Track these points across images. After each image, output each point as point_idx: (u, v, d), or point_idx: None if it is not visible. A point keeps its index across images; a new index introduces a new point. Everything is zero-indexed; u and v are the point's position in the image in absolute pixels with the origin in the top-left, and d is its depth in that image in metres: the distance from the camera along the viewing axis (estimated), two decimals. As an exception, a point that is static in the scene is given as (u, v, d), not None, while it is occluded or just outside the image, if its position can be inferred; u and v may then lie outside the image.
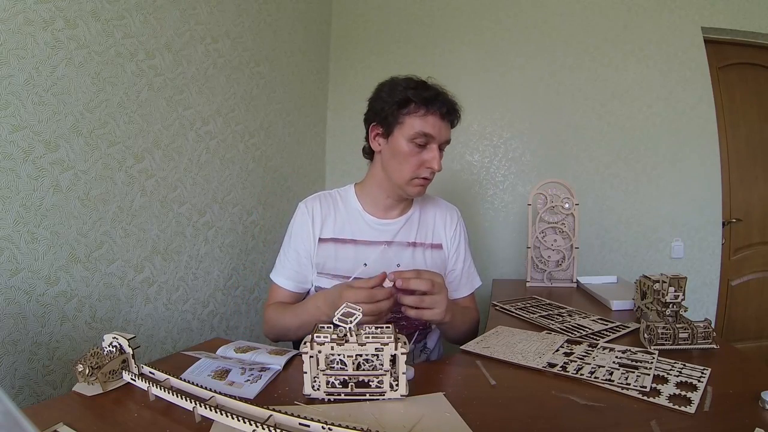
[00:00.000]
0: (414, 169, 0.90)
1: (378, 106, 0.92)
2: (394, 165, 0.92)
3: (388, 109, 0.89)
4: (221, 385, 0.64)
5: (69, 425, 0.52)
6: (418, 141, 0.88)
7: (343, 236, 0.98)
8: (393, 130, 0.90)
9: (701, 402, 0.57)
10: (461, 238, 1.09)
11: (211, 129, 1.33)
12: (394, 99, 0.89)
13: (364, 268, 0.94)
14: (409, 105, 0.88)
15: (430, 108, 0.88)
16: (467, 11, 2.08)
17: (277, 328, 0.95)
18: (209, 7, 1.30)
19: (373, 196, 1.00)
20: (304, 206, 1.00)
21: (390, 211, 1.01)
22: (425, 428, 0.52)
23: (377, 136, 0.94)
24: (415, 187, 0.93)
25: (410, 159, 0.90)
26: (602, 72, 1.97)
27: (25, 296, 0.82)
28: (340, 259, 0.96)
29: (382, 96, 0.92)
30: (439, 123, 0.90)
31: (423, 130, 0.88)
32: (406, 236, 1.01)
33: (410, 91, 0.88)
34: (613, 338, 0.85)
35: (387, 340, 0.58)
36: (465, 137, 2.09)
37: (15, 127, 0.79)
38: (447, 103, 0.91)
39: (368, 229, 0.99)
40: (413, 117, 0.88)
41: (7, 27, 0.77)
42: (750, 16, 1.88)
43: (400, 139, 0.89)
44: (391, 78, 0.95)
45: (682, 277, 0.83)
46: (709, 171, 1.91)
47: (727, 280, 2.03)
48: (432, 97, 0.88)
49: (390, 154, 0.92)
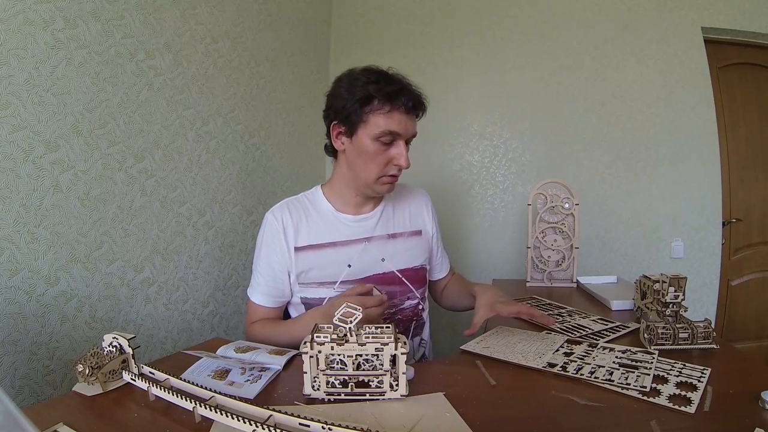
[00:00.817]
0: (381, 167, 0.87)
1: (338, 104, 0.86)
2: (360, 164, 0.88)
3: (350, 107, 0.83)
4: (221, 385, 0.64)
5: (69, 425, 0.52)
6: (384, 139, 0.84)
7: (321, 241, 0.93)
8: (356, 129, 0.85)
9: (701, 402, 0.57)
10: (435, 219, 1.11)
11: (211, 129, 1.33)
12: (354, 96, 0.83)
13: (349, 269, 0.92)
14: (371, 102, 0.82)
15: (394, 104, 0.83)
16: (467, 11, 2.08)
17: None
18: (209, 7, 1.30)
19: (342, 195, 0.96)
20: (272, 216, 0.94)
21: (362, 207, 0.97)
22: (425, 428, 0.52)
23: (340, 134, 0.89)
24: (383, 185, 0.90)
25: (376, 158, 0.85)
26: (602, 72, 1.97)
27: (25, 296, 0.82)
28: (322, 265, 0.92)
29: (341, 92, 0.85)
30: (404, 118, 0.84)
31: (388, 128, 0.83)
32: (384, 229, 0.98)
33: (371, 86, 0.82)
34: (613, 338, 0.85)
35: (387, 340, 0.58)
36: (465, 137, 2.09)
37: (15, 127, 0.79)
38: (412, 96, 0.85)
39: (345, 229, 0.95)
40: (377, 114, 0.83)
41: (7, 27, 0.77)
42: (750, 16, 1.88)
43: (364, 138, 0.84)
44: (349, 71, 0.88)
45: (682, 277, 0.83)
46: (709, 171, 1.91)
47: (727, 280, 2.03)
48: (396, 91, 0.83)
49: (355, 153, 0.87)
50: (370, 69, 0.87)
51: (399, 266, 0.98)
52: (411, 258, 1.00)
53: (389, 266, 0.96)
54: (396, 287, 0.97)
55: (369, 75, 0.84)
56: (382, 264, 0.96)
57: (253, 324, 0.95)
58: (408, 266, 0.99)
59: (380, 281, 0.94)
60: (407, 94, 0.84)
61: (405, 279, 0.98)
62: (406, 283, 0.98)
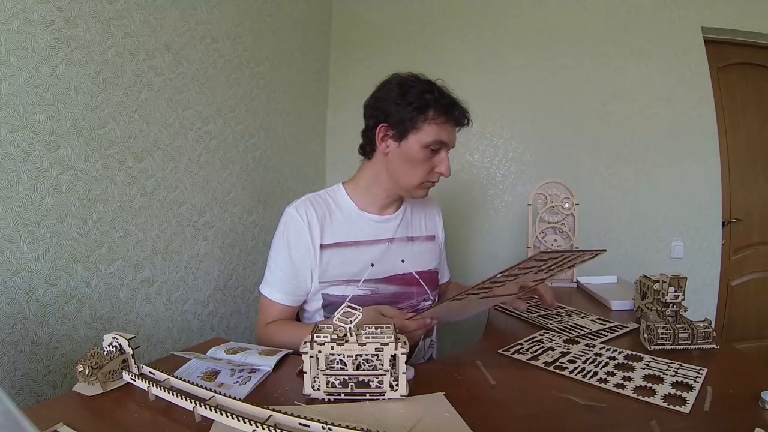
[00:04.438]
0: (425, 174, 0.90)
1: (389, 108, 0.87)
2: (404, 169, 0.90)
3: (405, 113, 0.85)
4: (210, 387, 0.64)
5: (69, 425, 0.52)
6: (434, 147, 0.87)
7: (345, 239, 0.93)
8: (407, 135, 0.87)
9: (699, 402, 0.57)
10: (443, 229, 1.15)
11: (211, 129, 1.33)
12: (411, 103, 0.85)
13: (372, 268, 0.93)
14: (427, 111, 0.85)
15: (449, 116, 0.87)
16: (467, 11, 2.08)
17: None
18: (209, 7, 1.30)
19: (371, 194, 0.97)
20: (295, 212, 0.91)
21: (386, 209, 1.00)
22: (425, 428, 0.52)
23: (386, 137, 0.89)
24: (422, 190, 0.93)
25: (423, 164, 0.88)
26: (602, 72, 1.97)
27: (25, 296, 0.82)
28: (346, 263, 0.92)
29: (392, 96, 0.87)
30: (454, 130, 0.90)
31: (440, 138, 0.86)
32: (404, 231, 1.01)
33: (428, 95, 0.85)
34: (611, 338, 0.85)
35: (387, 340, 0.58)
36: (465, 137, 2.08)
37: (15, 127, 0.79)
38: (463, 111, 0.91)
39: (368, 228, 0.96)
40: (432, 124, 0.86)
41: (7, 27, 0.77)
42: (750, 16, 1.88)
43: (414, 144, 0.86)
44: (398, 76, 0.90)
45: (682, 277, 0.83)
46: (709, 171, 1.91)
47: (727, 280, 2.03)
48: (451, 104, 0.88)
49: (401, 158, 0.89)
50: (420, 77, 0.90)
51: (417, 268, 1.00)
52: (427, 261, 1.03)
53: (408, 267, 0.98)
54: (414, 288, 0.98)
55: (423, 84, 0.87)
56: (402, 265, 0.98)
57: (269, 325, 0.91)
58: (425, 269, 1.02)
59: (400, 282, 0.97)
60: (460, 108, 0.90)
61: (422, 281, 1.00)
62: (423, 285, 1.00)
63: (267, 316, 0.93)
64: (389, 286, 0.95)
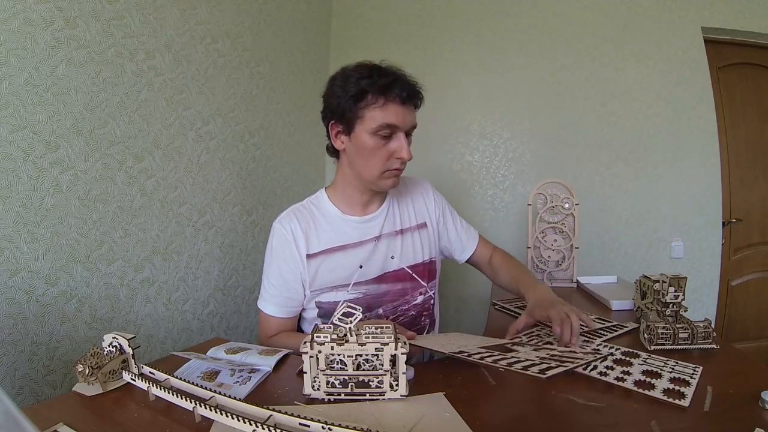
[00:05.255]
0: (383, 162, 0.85)
1: (333, 103, 0.85)
2: (361, 162, 0.87)
3: (345, 105, 0.82)
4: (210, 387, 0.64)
5: (69, 425, 0.52)
6: (382, 133, 0.82)
7: (331, 245, 0.92)
8: (354, 126, 0.84)
9: (699, 401, 0.57)
10: (443, 204, 1.08)
11: (211, 129, 1.33)
12: (348, 93, 0.82)
13: (360, 270, 0.92)
14: (365, 97, 0.81)
15: (389, 96, 0.81)
16: (467, 11, 2.08)
17: None
18: (209, 7, 1.30)
19: (347, 195, 0.95)
20: (280, 227, 0.93)
21: (368, 207, 0.97)
22: (425, 428, 0.52)
23: (338, 134, 0.88)
24: (387, 179, 0.88)
25: (377, 153, 0.84)
26: (602, 72, 1.97)
27: (25, 296, 0.82)
28: (334, 269, 0.91)
29: (335, 91, 0.84)
30: (401, 110, 0.83)
31: (385, 122, 0.81)
32: (392, 226, 0.98)
33: (364, 81, 0.81)
34: (611, 337, 0.85)
35: (387, 340, 0.58)
36: (465, 137, 2.09)
37: (15, 127, 0.79)
38: (406, 87, 0.83)
39: (353, 231, 0.94)
40: (372, 109, 0.81)
41: (7, 27, 0.77)
42: (750, 16, 1.88)
43: (362, 134, 0.83)
44: (342, 69, 0.87)
45: (682, 277, 0.83)
46: (709, 171, 1.91)
47: (727, 280, 2.03)
48: (389, 83, 0.81)
49: (355, 150, 0.86)
50: (362, 64, 0.85)
51: (408, 262, 0.98)
52: (419, 252, 1.00)
53: (399, 263, 0.97)
54: (407, 284, 0.97)
55: (361, 70, 0.83)
56: (392, 261, 0.96)
57: (272, 338, 0.91)
58: (417, 261, 0.99)
59: (392, 279, 0.95)
60: (401, 84, 0.82)
61: (415, 275, 0.98)
62: (417, 279, 0.99)
63: (268, 330, 0.93)
64: (380, 286, 0.94)
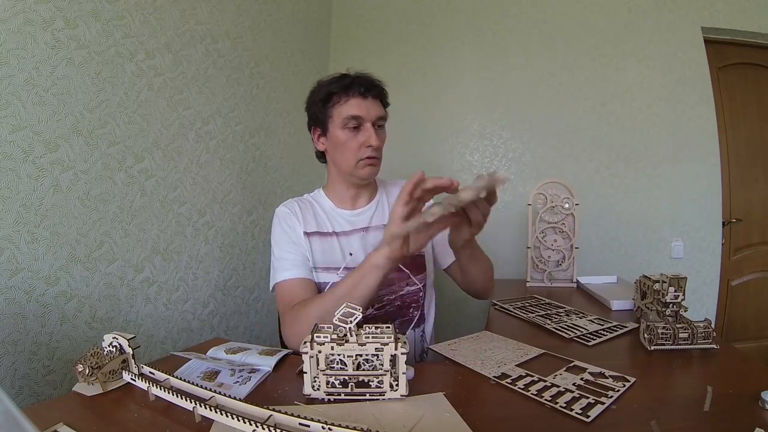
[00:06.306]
0: (355, 151, 0.94)
1: (311, 111, 0.99)
2: (338, 155, 0.97)
3: (318, 109, 0.96)
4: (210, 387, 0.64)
5: (69, 425, 0.52)
6: (350, 125, 0.93)
7: (325, 229, 1.00)
8: (327, 126, 0.96)
9: (698, 401, 0.57)
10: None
11: (211, 129, 1.33)
12: (319, 98, 0.96)
13: (350, 257, 0.98)
14: (332, 98, 0.94)
15: (349, 92, 0.93)
16: (467, 11, 2.08)
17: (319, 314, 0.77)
18: (209, 7, 1.30)
19: (338, 191, 1.04)
20: (284, 207, 1.02)
21: (357, 201, 1.04)
22: (425, 428, 0.52)
23: (319, 137, 1.00)
24: (363, 168, 0.95)
25: (349, 144, 0.94)
26: (602, 72, 1.97)
27: (25, 296, 0.82)
28: (326, 251, 0.98)
29: (311, 102, 0.99)
30: (362, 102, 0.93)
31: (350, 114, 0.92)
32: (381, 219, 1.04)
33: (331, 85, 0.94)
34: (609, 338, 0.84)
35: (387, 340, 0.58)
36: (465, 137, 2.09)
37: (15, 127, 0.79)
38: (363, 81, 0.94)
39: (344, 223, 1.02)
40: (339, 106, 0.93)
41: (7, 27, 0.77)
42: (750, 16, 1.88)
43: (335, 131, 0.94)
44: (317, 82, 1.00)
45: (682, 277, 0.83)
46: (709, 171, 1.91)
47: (727, 280, 2.03)
48: (349, 82, 0.93)
49: (332, 147, 0.97)
50: (332, 74, 0.98)
51: None
52: None
53: None
54: (393, 274, 0.96)
55: (330, 78, 0.97)
56: None
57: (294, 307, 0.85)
58: None
59: None
60: (359, 80, 0.94)
61: (403, 266, 1.01)
62: (403, 270, 1.01)
63: (292, 297, 0.89)
64: None
